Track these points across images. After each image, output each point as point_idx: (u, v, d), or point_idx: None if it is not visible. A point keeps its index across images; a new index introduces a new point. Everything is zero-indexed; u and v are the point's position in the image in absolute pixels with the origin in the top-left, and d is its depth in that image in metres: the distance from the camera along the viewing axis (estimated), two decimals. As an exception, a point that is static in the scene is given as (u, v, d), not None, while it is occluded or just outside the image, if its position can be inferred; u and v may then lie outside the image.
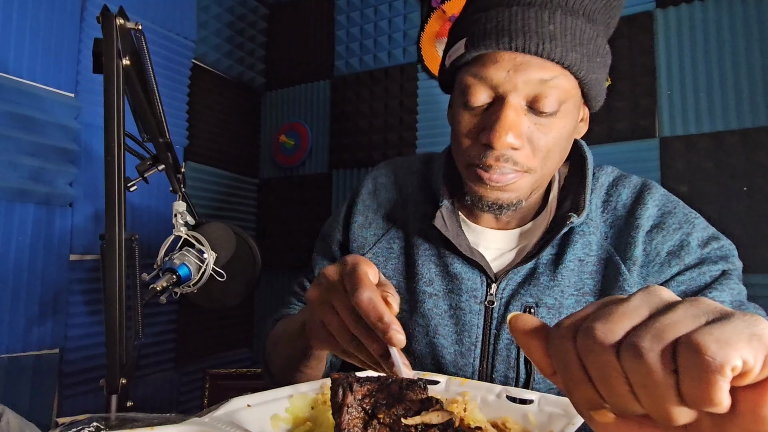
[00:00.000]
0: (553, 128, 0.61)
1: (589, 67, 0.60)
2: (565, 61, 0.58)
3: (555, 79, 0.58)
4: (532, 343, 0.31)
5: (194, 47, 1.65)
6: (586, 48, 0.59)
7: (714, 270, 0.64)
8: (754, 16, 1.23)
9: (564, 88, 0.59)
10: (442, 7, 1.61)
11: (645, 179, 0.72)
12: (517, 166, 0.61)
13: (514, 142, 0.59)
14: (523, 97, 0.59)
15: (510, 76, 0.58)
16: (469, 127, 0.63)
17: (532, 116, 0.60)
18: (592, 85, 0.62)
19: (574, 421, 0.43)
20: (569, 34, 0.58)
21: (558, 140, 0.62)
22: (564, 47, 0.57)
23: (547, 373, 0.31)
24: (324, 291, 0.47)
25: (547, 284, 0.67)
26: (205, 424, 0.38)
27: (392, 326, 0.40)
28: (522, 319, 0.32)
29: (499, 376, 0.68)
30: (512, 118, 0.58)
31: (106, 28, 0.64)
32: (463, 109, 0.64)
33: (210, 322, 1.76)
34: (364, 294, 0.42)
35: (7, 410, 0.62)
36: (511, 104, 0.58)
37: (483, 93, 0.61)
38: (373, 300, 0.41)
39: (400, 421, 0.37)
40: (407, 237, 0.76)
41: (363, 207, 0.81)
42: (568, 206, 0.68)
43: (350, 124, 1.82)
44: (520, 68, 0.58)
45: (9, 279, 1.14)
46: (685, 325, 0.24)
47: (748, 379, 0.23)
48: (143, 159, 0.84)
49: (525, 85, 0.58)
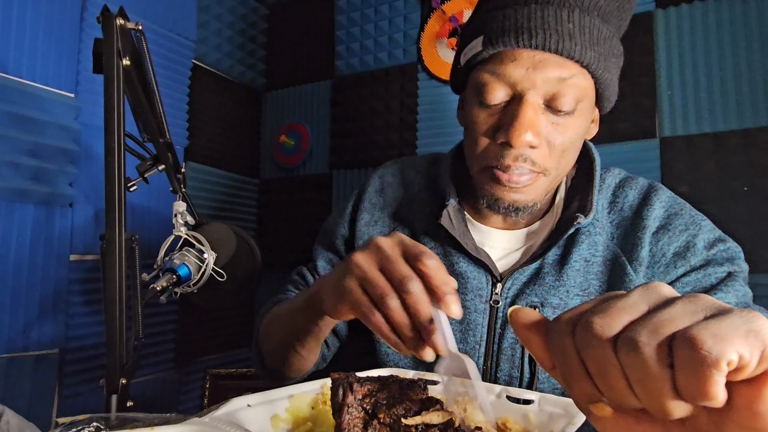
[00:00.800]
0: (569, 128, 0.61)
1: (605, 66, 0.60)
2: (584, 60, 0.58)
3: (573, 78, 0.58)
4: (532, 337, 0.31)
5: (194, 47, 1.65)
6: (602, 47, 0.59)
7: (719, 272, 0.64)
8: (754, 16, 1.23)
9: (581, 86, 0.59)
10: (442, 7, 1.61)
11: (652, 181, 0.72)
12: (534, 166, 0.61)
13: (532, 140, 0.58)
14: (541, 95, 0.59)
15: (529, 73, 0.58)
16: (486, 125, 0.62)
17: (550, 115, 0.60)
18: (606, 85, 0.62)
19: (574, 421, 0.43)
20: (587, 33, 0.58)
21: (573, 140, 0.62)
22: (583, 45, 0.57)
23: (547, 367, 0.31)
24: (374, 254, 0.46)
25: (553, 284, 0.67)
26: (206, 424, 0.38)
27: (453, 294, 0.41)
28: (522, 312, 0.32)
29: (504, 375, 0.68)
30: (531, 116, 0.58)
31: (106, 28, 0.64)
32: (478, 107, 0.63)
33: (210, 322, 1.76)
34: (432, 260, 0.42)
35: (7, 410, 0.62)
36: (529, 102, 0.58)
37: (500, 91, 0.60)
38: (443, 267, 0.42)
39: (401, 421, 0.37)
40: (413, 236, 0.76)
41: (369, 205, 0.81)
42: (576, 207, 0.69)
43: (350, 125, 1.82)
44: (539, 66, 0.58)
45: (9, 279, 1.14)
46: (683, 321, 0.25)
47: (744, 374, 0.23)
48: (143, 159, 0.84)
49: (544, 83, 0.58)
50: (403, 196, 0.81)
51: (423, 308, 0.41)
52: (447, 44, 1.61)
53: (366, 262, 0.45)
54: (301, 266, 0.87)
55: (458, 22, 1.59)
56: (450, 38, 1.61)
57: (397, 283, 0.42)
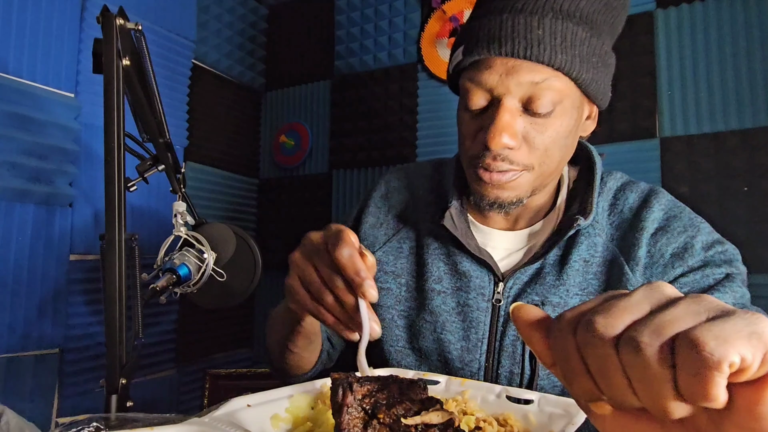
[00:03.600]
0: (549, 127, 0.63)
1: (582, 67, 0.61)
2: (554, 63, 0.60)
3: (546, 81, 0.60)
4: (533, 334, 0.31)
5: (194, 47, 1.65)
6: (579, 49, 0.61)
7: (717, 273, 0.64)
8: (754, 16, 1.23)
9: (557, 88, 0.61)
10: (442, 7, 1.61)
11: (653, 185, 0.74)
12: (513, 164, 0.63)
13: (508, 142, 0.61)
14: (518, 99, 0.62)
15: (503, 79, 0.61)
16: (470, 128, 0.66)
17: (528, 117, 0.62)
18: (588, 84, 0.63)
19: (574, 421, 0.43)
20: (559, 37, 0.60)
21: (555, 138, 0.63)
22: (553, 50, 0.60)
23: (547, 364, 0.31)
24: (307, 251, 0.50)
25: (553, 283, 0.68)
26: (205, 424, 0.38)
27: (367, 280, 0.45)
28: (524, 309, 0.32)
29: (505, 371, 0.69)
30: (507, 120, 0.61)
31: (106, 28, 0.64)
32: (464, 111, 0.67)
33: (210, 322, 1.76)
34: (344, 250, 0.46)
35: (7, 410, 0.62)
36: (505, 106, 0.61)
37: (480, 97, 0.63)
38: (354, 256, 0.46)
39: (400, 421, 0.37)
40: (418, 237, 0.79)
41: (375, 208, 0.84)
42: (576, 209, 0.70)
43: (350, 125, 1.82)
44: (512, 72, 0.60)
45: (9, 279, 1.14)
46: (686, 322, 0.25)
47: (745, 376, 0.23)
48: (143, 159, 0.83)
49: (518, 88, 0.61)
50: (408, 199, 0.83)
51: (348, 300, 0.46)
52: (447, 44, 1.61)
53: (300, 260, 0.51)
54: None
55: (458, 22, 1.59)
56: (450, 38, 1.61)
57: (326, 279, 0.48)
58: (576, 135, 0.68)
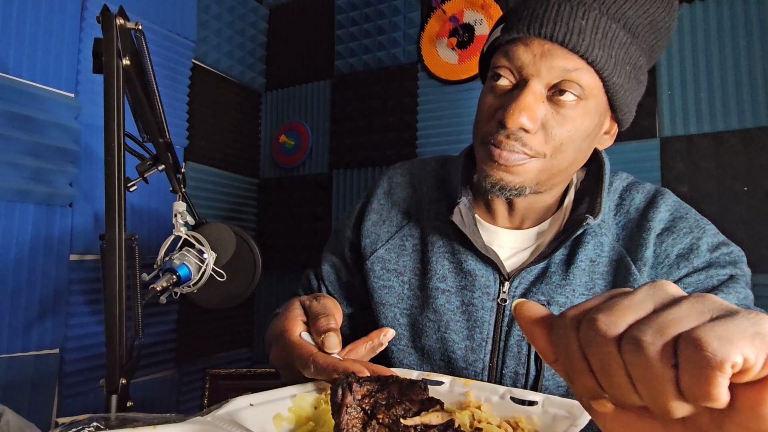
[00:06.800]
0: (569, 121, 0.62)
1: (615, 70, 0.61)
2: (589, 56, 0.59)
3: (577, 71, 0.60)
4: (536, 331, 0.31)
5: (194, 47, 1.65)
6: (616, 51, 0.61)
7: (722, 274, 0.64)
8: (755, 16, 1.23)
9: (585, 83, 0.61)
10: (442, 7, 1.61)
11: (659, 186, 0.74)
12: (526, 147, 0.62)
13: (526, 123, 0.60)
14: (545, 84, 0.61)
15: (535, 60, 0.60)
16: (490, 107, 0.66)
17: (551, 106, 0.62)
18: (617, 90, 0.62)
19: (577, 423, 0.42)
20: (600, 33, 0.60)
21: (573, 135, 0.63)
22: (591, 43, 0.59)
23: (549, 360, 0.31)
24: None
25: (559, 283, 0.68)
26: (208, 423, 0.38)
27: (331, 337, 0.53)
28: (527, 306, 0.32)
29: (509, 372, 0.68)
30: (529, 101, 0.60)
31: (106, 28, 0.64)
32: (487, 93, 0.67)
33: (210, 322, 1.76)
34: (321, 318, 0.55)
35: (7, 410, 0.62)
36: (531, 88, 0.61)
37: (509, 74, 0.63)
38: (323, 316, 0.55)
39: (400, 421, 0.37)
40: (422, 234, 0.78)
41: (378, 206, 0.83)
42: (584, 208, 0.70)
43: (350, 125, 1.82)
44: (546, 54, 0.60)
45: (9, 279, 1.14)
46: (689, 321, 0.24)
47: (748, 377, 0.23)
48: (143, 159, 0.83)
49: (548, 72, 0.60)
50: (412, 196, 0.82)
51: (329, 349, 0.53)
52: (447, 44, 1.61)
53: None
54: (309, 269, 0.90)
55: (458, 22, 1.59)
56: (450, 38, 1.60)
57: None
58: (592, 143, 0.67)
